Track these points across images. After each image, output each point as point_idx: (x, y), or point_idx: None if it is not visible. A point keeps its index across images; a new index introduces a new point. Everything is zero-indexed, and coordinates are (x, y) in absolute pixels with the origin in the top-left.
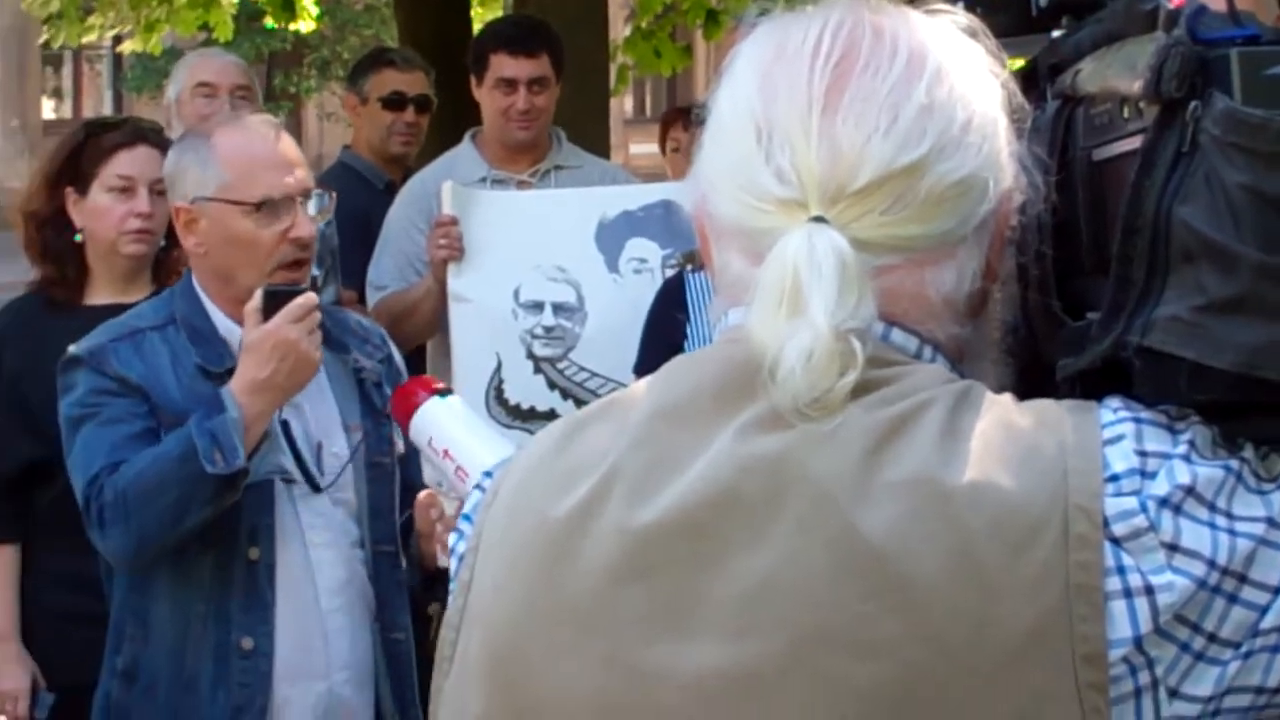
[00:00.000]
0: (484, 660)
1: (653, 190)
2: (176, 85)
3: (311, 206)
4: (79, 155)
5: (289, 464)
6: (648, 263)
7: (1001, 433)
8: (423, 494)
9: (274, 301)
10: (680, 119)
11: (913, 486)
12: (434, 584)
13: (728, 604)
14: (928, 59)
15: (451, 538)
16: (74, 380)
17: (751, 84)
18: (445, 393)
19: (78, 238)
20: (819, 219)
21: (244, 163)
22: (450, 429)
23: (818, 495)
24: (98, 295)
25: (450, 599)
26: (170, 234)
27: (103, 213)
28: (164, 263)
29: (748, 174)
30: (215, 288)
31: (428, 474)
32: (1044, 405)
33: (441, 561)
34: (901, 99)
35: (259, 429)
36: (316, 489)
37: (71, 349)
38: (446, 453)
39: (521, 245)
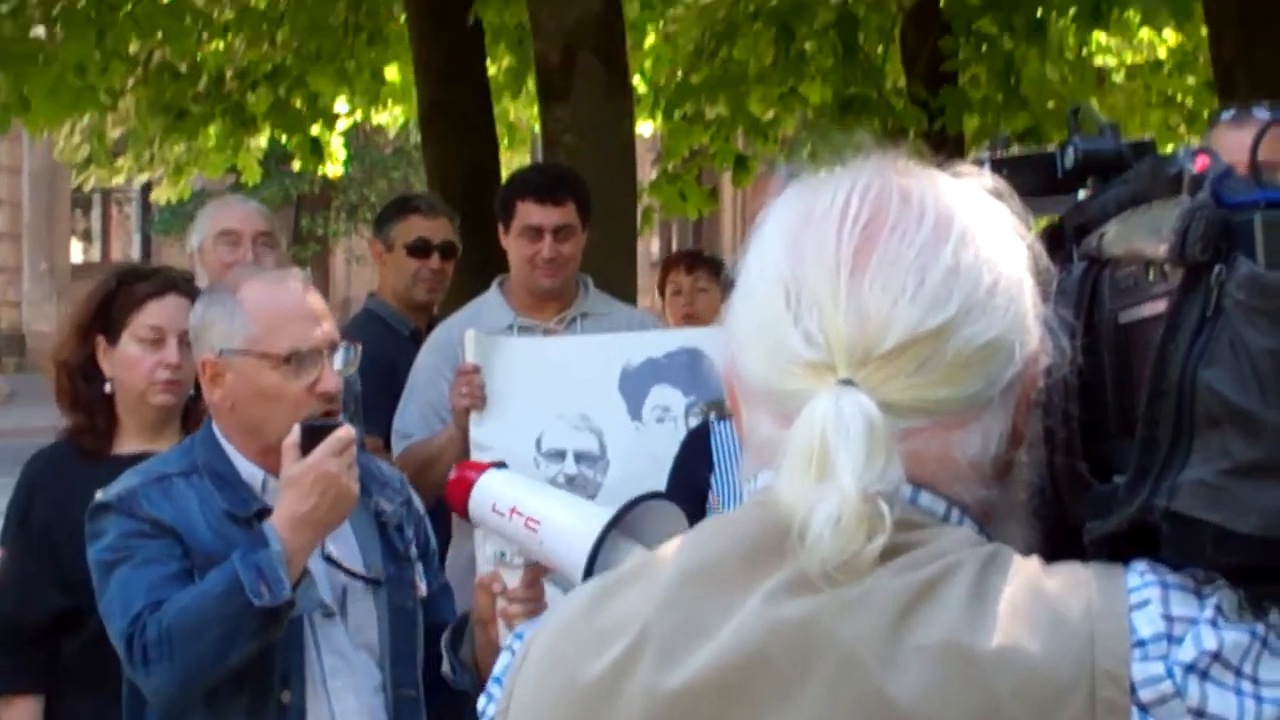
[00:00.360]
0: None
1: (676, 336)
2: (199, 234)
3: (338, 359)
4: (110, 304)
5: (328, 598)
6: (670, 411)
7: (1029, 596)
8: (483, 575)
9: (312, 437)
10: (681, 262)
11: (941, 651)
12: None
13: None
14: (954, 221)
15: (481, 700)
16: (104, 526)
17: (780, 246)
18: (500, 465)
19: (107, 387)
20: (847, 382)
21: (271, 315)
22: (513, 489)
23: (846, 659)
24: (127, 444)
25: None
26: (199, 383)
27: (132, 363)
28: (192, 412)
29: (776, 336)
30: (240, 439)
31: (486, 552)
32: (1071, 568)
33: (504, 641)
34: (929, 262)
35: (300, 563)
36: (375, 583)
37: (100, 495)
38: (514, 510)
39: (544, 393)
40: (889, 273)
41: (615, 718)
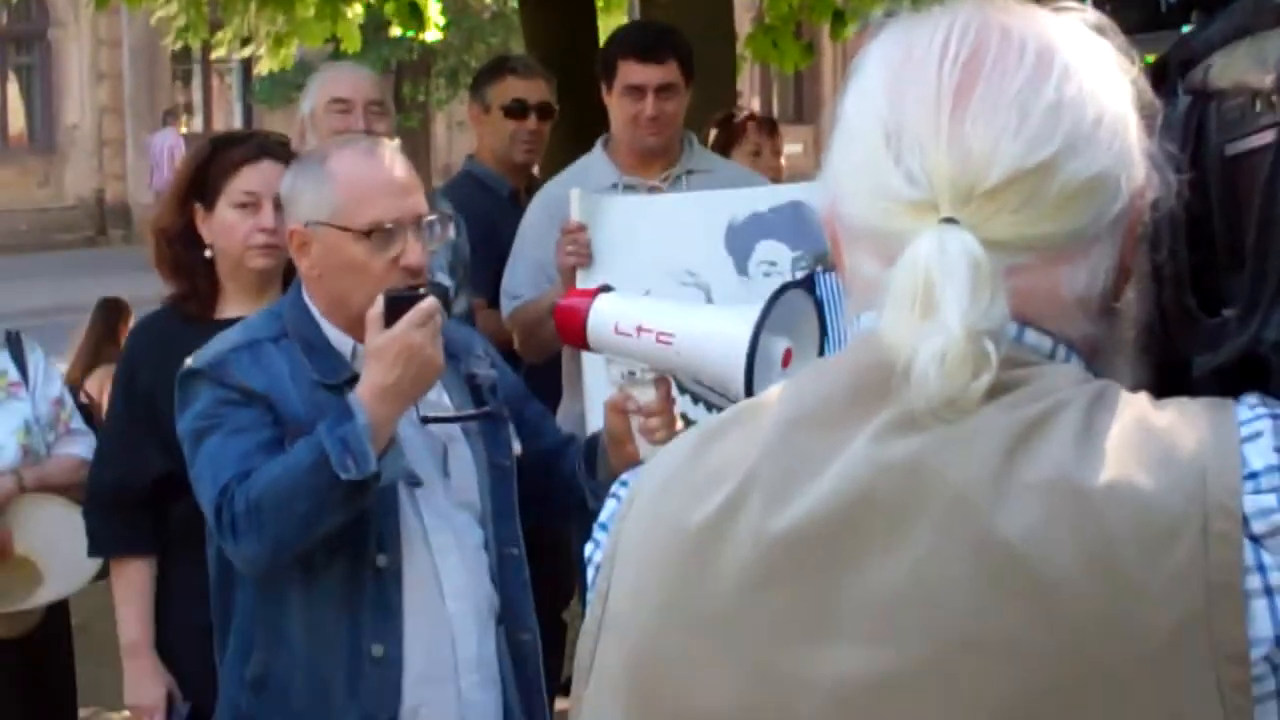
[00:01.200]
0: (622, 669)
1: (782, 191)
2: (310, 100)
3: (430, 231)
4: (205, 171)
5: (415, 468)
6: (777, 265)
7: (1138, 432)
8: (612, 395)
9: (396, 307)
10: (764, 125)
11: (1050, 488)
12: None
13: (867, 608)
14: (1056, 57)
15: (588, 548)
16: (195, 393)
17: (879, 87)
18: (606, 289)
19: (207, 253)
20: (950, 220)
21: (356, 188)
22: (634, 307)
23: (955, 498)
24: (230, 309)
25: (588, 608)
26: None
27: (229, 228)
28: (294, 274)
29: (877, 177)
30: (327, 307)
31: (613, 373)
32: (1180, 403)
33: (646, 455)
34: (1030, 97)
35: (386, 434)
36: (486, 416)
37: (189, 362)
38: (640, 328)
39: (650, 250)
40: (991, 109)
41: (723, 560)
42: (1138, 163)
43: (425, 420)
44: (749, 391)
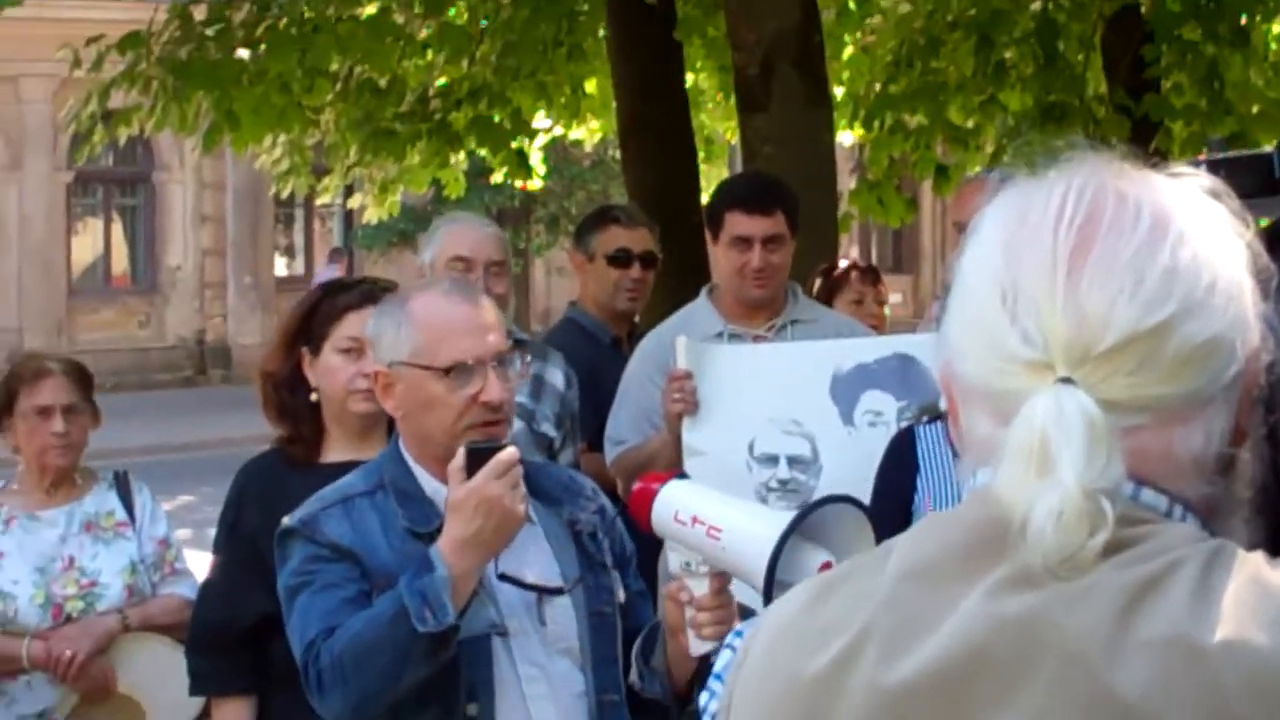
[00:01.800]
0: None
1: (887, 343)
2: (431, 251)
3: (513, 367)
4: (313, 316)
5: (502, 617)
6: (883, 415)
7: (1255, 591)
8: (670, 585)
9: (476, 459)
10: (868, 275)
11: (1167, 646)
12: (693, 687)
13: None
14: (1171, 222)
15: (703, 698)
16: (289, 551)
17: (996, 248)
18: (682, 476)
19: (313, 397)
20: (1066, 380)
21: (436, 328)
22: (694, 497)
23: (1069, 655)
24: (334, 453)
25: None
26: None
27: (333, 372)
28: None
29: (993, 336)
30: (417, 449)
31: (672, 562)
32: None
33: (694, 649)
34: (1146, 261)
35: (468, 586)
36: (559, 592)
37: (285, 521)
38: (695, 519)
39: (756, 398)
40: (1106, 272)
41: (838, 713)
42: (1253, 326)
43: (502, 578)
44: (767, 602)
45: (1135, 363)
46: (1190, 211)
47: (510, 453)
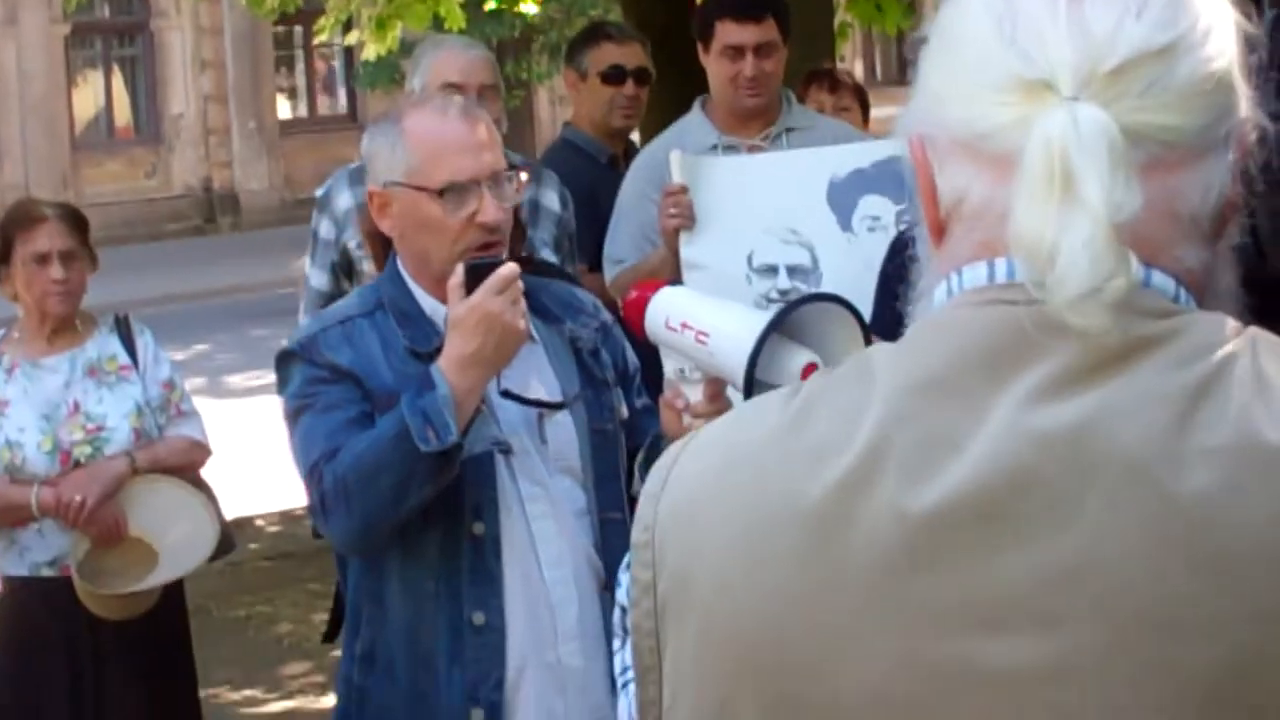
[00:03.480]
0: (725, 669)
1: (884, 146)
2: (421, 77)
3: (506, 187)
4: None
5: (504, 435)
6: (881, 220)
7: None
8: (665, 392)
9: (476, 276)
10: (822, 79)
11: (1231, 452)
12: None
13: (1035, 592)
14: None
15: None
16: (290, 374)
17: None
18: (675, 284)
19: None
20: (1073, 100)
21: (430, 147)
22: (686, 302)
23: (1127, 468)
24: None
25: (630, 601)
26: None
27: None
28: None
29: (988, 65)
30: (414, 269)
31: (667, 369)
32: None
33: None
34: None
35: (471, 404)
36: (560, 406)
37: (284, 343)
38: (685, 324)
39: (752, 209)
40: None
41: (853, 541)
42: (1243, 91)
43: (505, 395)
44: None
45: (1144, 84)
46: None
47: (510, 268)
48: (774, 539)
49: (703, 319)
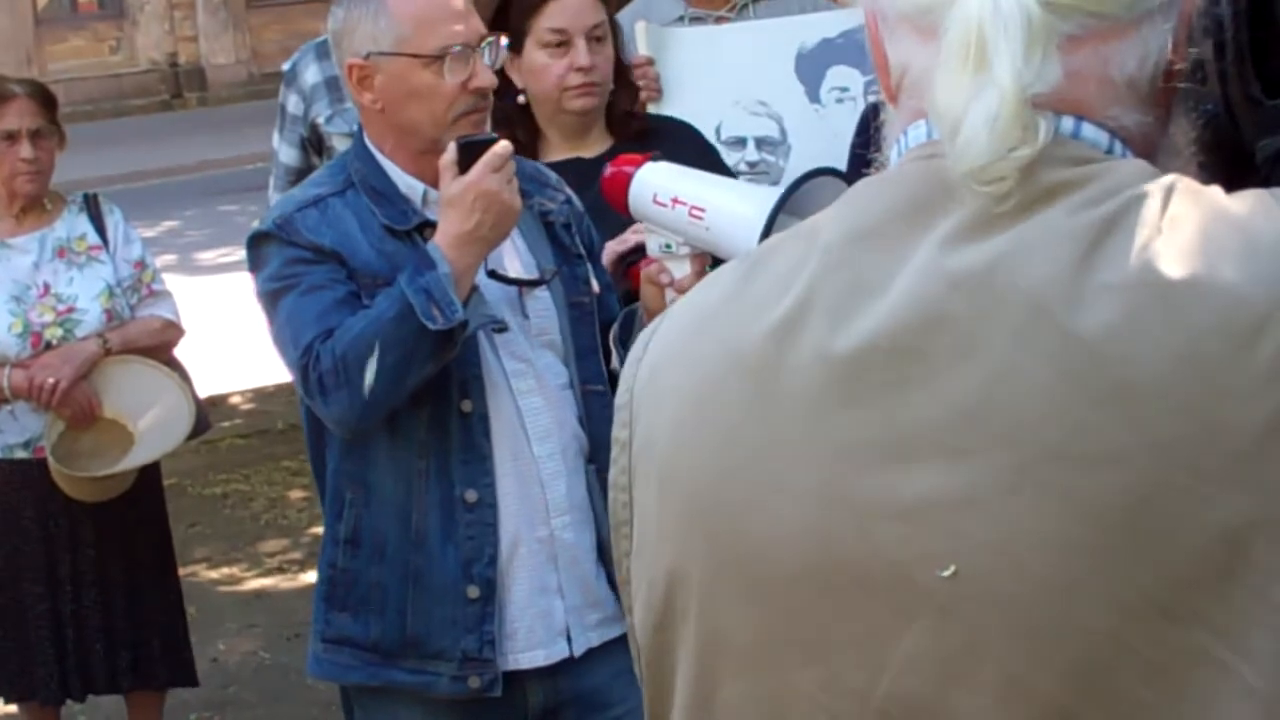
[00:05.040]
0: (676, 513)
1: (851, 15)
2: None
3: (486, 55)
4: (507, 7)
5: (499, 312)
6: (849, 90)
7: (1216, 224)
8: (649, 267)
9: (469, 153)
10: None
11: (1131, 287)
12: None
13: (945, 425)
14: None
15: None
16: (266, 255)
17: None
18: (657, 157)
19: (520, 99)
20: None
21: (418, 13)
22: (673, 178)
23: (1030, 304)
24: (552, 153)
25: (612, 460)
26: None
27: (541, 71)
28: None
29: None
30: (394, 143)
31: (651, 245)
32: (1256, 194)
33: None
34: None
35: (468, 281)
36: (541, 282)
37: (256, 225)
38: (676, 200)
39: (720, 81)
40: None
41: (785, 384)
42: None
43: (491, 275)
44: None
45: None
46: None
47: (505, 145)
48: (717, 388)
49: (697, 195)
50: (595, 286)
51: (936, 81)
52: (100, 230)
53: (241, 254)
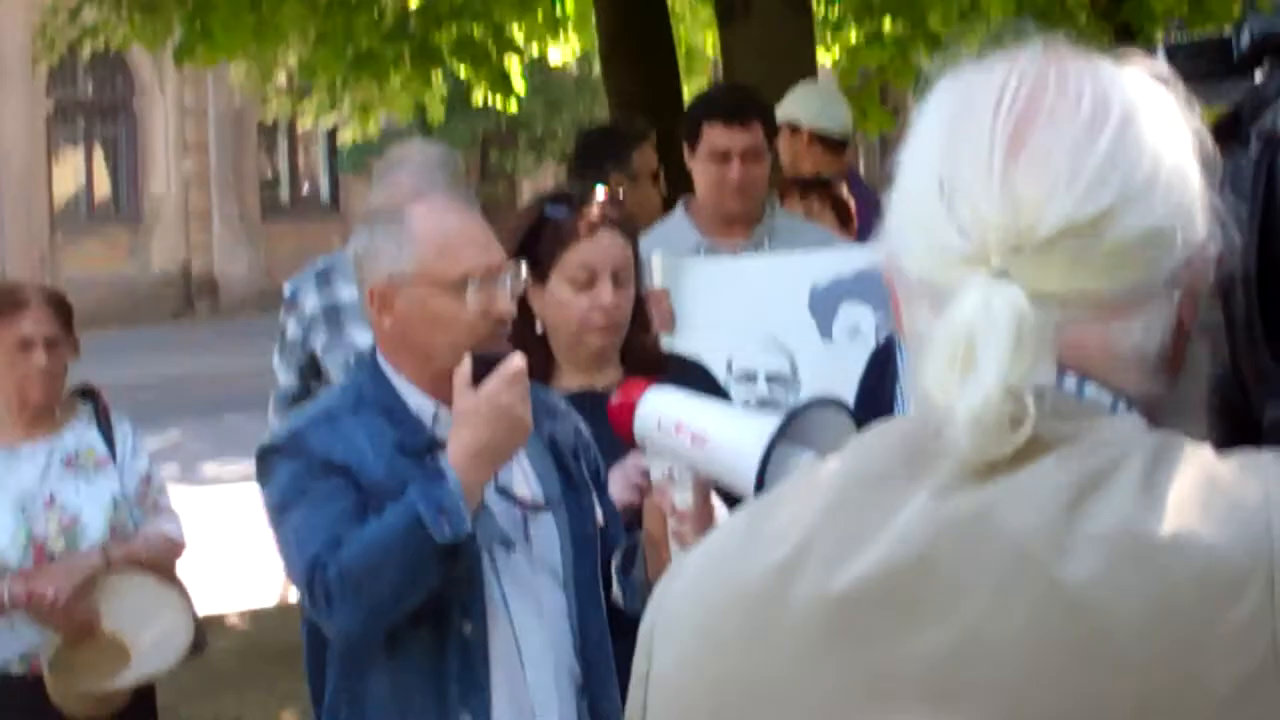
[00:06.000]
0: None
1: (865, 253)
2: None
3: (507, 283)
4: (536, 240)
5: (506, 531)
6: (861, 328)
7: (1202, 484)
8: (653, 494)
9: (483, 368)
10: (793, 188)
11: (1113, 540)
12: None
13: (929, 671)
14: (1113, 106)
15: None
16: (275, 467)
17: (935, 138)
18: (664, 384)
19: (538, 328)
20: (1000, 273)
21: (441, 240)
22: (677, 405)
23: (1015, 552)
24: (565, 382)
25: (630, 691)
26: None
27: (564, 305)
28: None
29: (930, 228)
30: (410, 366)
31: (654, 471)
32: (1246, 456)
33: (675, 559)
34: (1084, 149)
35: (477, 496)
36: (543, 508)
37: (266, 438)
38: (679, 426)
39: (733, 314)
40: (1043, 161)
41: (782, 624)
42: (1198, 217)
43: (500, 492)
44: None
45: (1072, 254)
46: (1134, 97)
47: (520, 360)
48: (721, 625)
49: (699, 422)
50: (600, 516)
51: (926, 372)
52: (109, 442)
53: (246, 467)
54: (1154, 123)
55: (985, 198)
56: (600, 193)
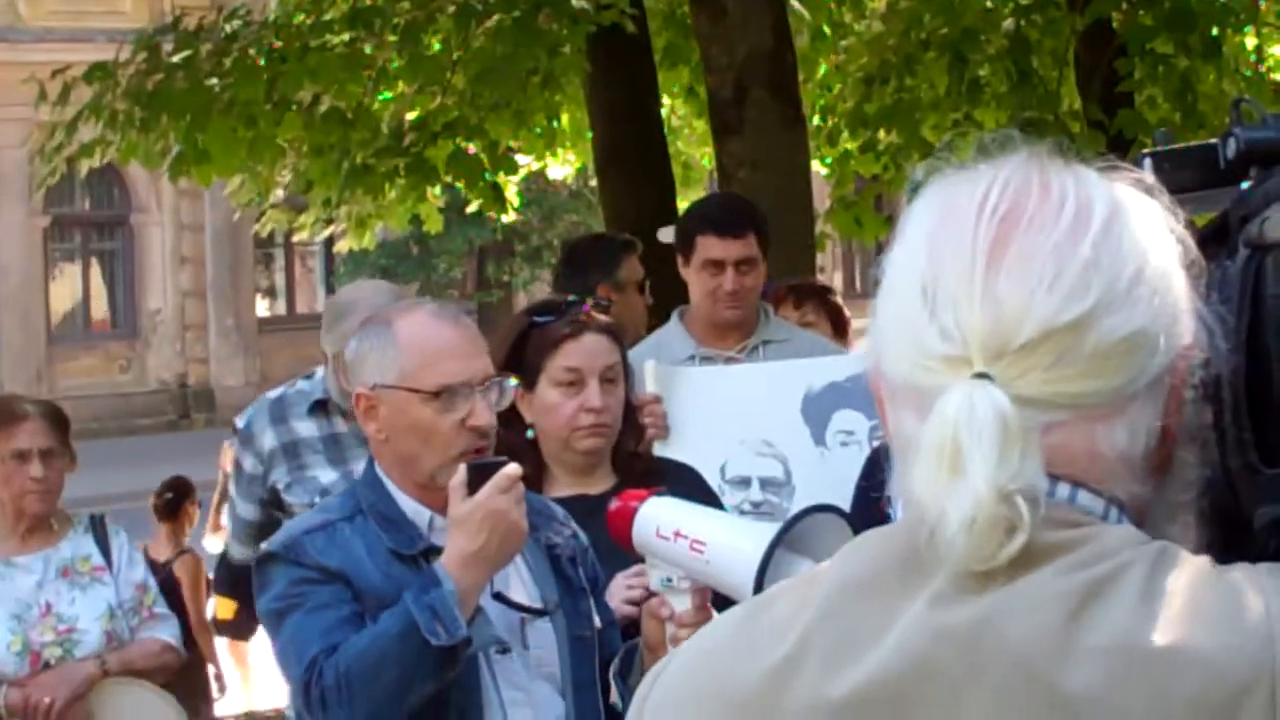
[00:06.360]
0: None
1: (858, 360)
2: (337, 344)
3: (493, 394)
4: (523, 347)
5: (502, 634)
6: (855, 434)
7: (1203, 595)
8: (650, 601)
9: (478, 475)
10: (788, 296)
11: (1115, 651)
12: None
13: None
14: (1095, 212)
15: None
16: (272, 575)
17: (919, 242)
18: (661, 492)
19: (529, 433)
20: (983, 375)
21: (424, 350)
22: (676, 512)
23: (1016, 662)
24: (556, 489)
25: None
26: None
27: (553, 410)
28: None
29: (914, 332)
30: (399, 473)
31: (653, 579)
32: (1245, 568)
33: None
34: (1066, 254)
35: (473, 601)
36: (544, 614)
37: (264, 546)
38: (678, 534)
39: (727, 420)
40: (1025, 265)
41: None
42: (1182, 321)
43: (496, 597)
44: None
45: (1053, 358)
46: (1117, 202)
47: (514, 468)
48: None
49: (698, 529)
50: (598, 622)
51: (915, 476)
52: (105, 551)
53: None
54: (1137, 227)
55: (967, 302)
56: (587, 301)
